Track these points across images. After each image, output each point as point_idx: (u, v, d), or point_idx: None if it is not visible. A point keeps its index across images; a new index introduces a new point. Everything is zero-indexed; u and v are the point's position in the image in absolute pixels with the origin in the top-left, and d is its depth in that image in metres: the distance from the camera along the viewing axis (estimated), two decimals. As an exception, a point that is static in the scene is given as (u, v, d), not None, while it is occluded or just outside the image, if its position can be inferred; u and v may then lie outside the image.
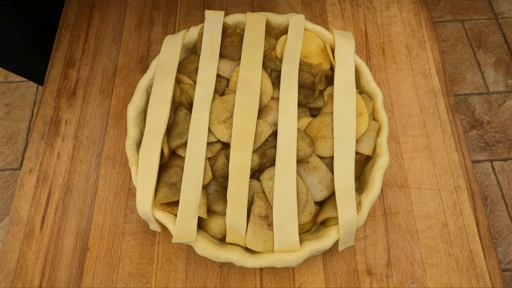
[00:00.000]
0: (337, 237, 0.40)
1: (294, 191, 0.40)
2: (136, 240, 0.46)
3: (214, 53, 0.46)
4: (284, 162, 0.41)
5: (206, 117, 0.43)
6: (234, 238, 0.40)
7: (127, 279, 0.44)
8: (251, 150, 0.41)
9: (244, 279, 0.44)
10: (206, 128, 0.42)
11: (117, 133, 0.52)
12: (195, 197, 0.40)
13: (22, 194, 0.49)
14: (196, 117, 0.43)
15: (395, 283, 0.44)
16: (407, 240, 0.46)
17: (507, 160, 1.26)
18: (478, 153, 1.27)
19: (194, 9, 0.61)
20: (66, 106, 0.54)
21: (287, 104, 0.43)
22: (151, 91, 0.45)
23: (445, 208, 0.48)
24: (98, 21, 0.60)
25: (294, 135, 0.42)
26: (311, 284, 0.44)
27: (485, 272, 0.45)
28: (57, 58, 0.57)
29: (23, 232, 0.47)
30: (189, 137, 0.42)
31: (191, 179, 0.40)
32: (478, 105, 1.34)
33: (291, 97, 0.44)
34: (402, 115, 0.53)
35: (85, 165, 0.50)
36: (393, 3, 0.62)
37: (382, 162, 0.42)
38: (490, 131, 1.30)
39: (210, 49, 0.47)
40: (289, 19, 0.49)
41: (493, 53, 1.43)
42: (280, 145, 0.41)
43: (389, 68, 0.57)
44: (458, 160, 0.50)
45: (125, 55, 0.58)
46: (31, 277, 0.45)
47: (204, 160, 0.41)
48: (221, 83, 0.47)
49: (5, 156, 1.27)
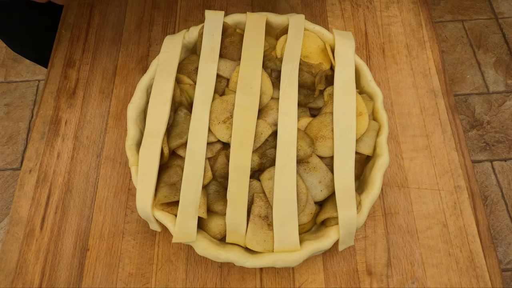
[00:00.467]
0: (337, 237, 0.40)
1: (294, 191, 0.40)
2: (136, 240, 0.46)
3: (214, 53, 0.46)
4: (284, 162, 0.41)
5: (206, 117, 0.43)
6: (234, 238, 0.40)
7: (127, 279, 0.44)
8: (251, 150, 0.41)
9: (244, 279, 0.44)
10: (206, 128, 0.42)
11: (117, 133, 0.52)
12: (195, 197, 0.40)
13: (22, 194, 0.49)
14: (196, 117, 0.43)
15: (395, 283, 0.44)
16: (407, 240, 0.46)
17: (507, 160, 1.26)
18: (478, 153, 1.27)
19: (194, 9, 0.61)
20: (66, 106, 0.54)
21: (287, 104, 0.43)
22: (151, 91, 0.45)
23: (445, 208, 0.48)
24: (98, 21, 0.60)
25: (294, 135, 0.42)
26: (311, 284, 0.44)
27: (485, 272, 0.45)
28: (57, 58, 0.57)
29: (23, 232, 0.47)
30: (189, 137, 0.42)
31: (191, 179, 0.40)
32: (478, 105, 1.34)
33: (291, 97, 0.44)
34: (402, 115, 0.53)
35: (85, 165, 0.50)
36: (393, 3, 0.62)
37: (382, 162, 0.42)
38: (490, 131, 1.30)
39: (210, 49, 0.46)
40: (289, 19, 0.49)
41: (493, 53, 1.43)
42: (280, 145, 0.41)
43: (389, 68, 0.57)
44: (458, 160, 0.50)
45: (125, 55, 0.58)
46: (31, 277, 0.45)
47: (204, 160, 0.41)
48: (221, 83, 0.47)
49: (5, 156, 1.28)
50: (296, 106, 0.43)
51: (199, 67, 0.46)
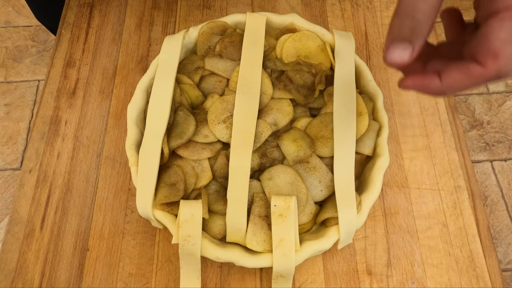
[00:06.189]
0: (337, 237, 0.40)
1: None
2: (136, 240, 0.46)
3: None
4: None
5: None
6: (234, 238, 0.40)
7: (127, 279, 0.44)
8: (251, 150, 0.41)
9: (244, 279, 0.44)
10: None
11: (117, 133, 0.52)
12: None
13: (22, 194, 0.49)
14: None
15: (395, 283, 0.44)
16: (407, 240, 0.46)
17: (507, 160, 1.26)
18: (478, 153, 1.27)
19: (194, 9, 0.61)
20: (66, 106, 0.54)
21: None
22: (151, 91, 0.45)
23: (445, 208, 0.48)
24: (98, 21, 0.60)
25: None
26: (311, 284, 0.44)
27: (485, 272, 0.45)
28: (57, 58, 0.57)
29: (23, 232, 0.47)
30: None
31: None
32: (478, 105, 1.34)
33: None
34: (402, 115, 0.53)
35: (85, 165, 0.50)
36: (393, 3, 0.62)
37: (382, 162, 0.42)
38: (490, 131, 1.30)
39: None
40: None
41: (493, 53, 1.43)
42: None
43: (389, 68, 0.57)
44: (458, 160, 0.50)
45: (125, 55, 0.58)
46: (31, 277, 0.45)
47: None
48: (221, 83, 0.47)
49: (5, 156, 1.28)
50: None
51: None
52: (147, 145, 0.42)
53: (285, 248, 0.37)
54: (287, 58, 0.48)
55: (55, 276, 0.45)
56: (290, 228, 0.38)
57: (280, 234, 0.38)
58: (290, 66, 0.46)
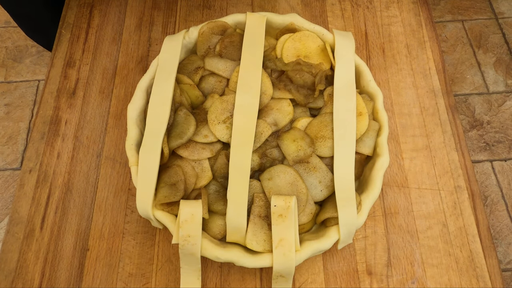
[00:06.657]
0: (337, 237, 0.40)
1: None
2: (136, 240, 0.46)
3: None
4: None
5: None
6: (234, 238, 0.40)
7: (127, 279, 0.44)
8: (251, 150, 0.41)
9: (244, 279, 0.44)
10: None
11: (117, 133, 0.52)
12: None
13: (22, 194, 0.49)
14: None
15: (395, 283, 0.44)
16: (407, 240, 0.46)
17: (507, 160, 1.26)
18: (478, 153, 1.27)
19: (194, 9, 0.61)
20: (66, 106, 0.54)
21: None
22: (151, 91, 0.45)
23: (445, 208, 0.48)
24: (98, 21, 0.60)
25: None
26: (311, 284, 0.44)
27: (485, 272, 0.45)
28: (57, 58, 0.57)
29: (23, 232, 0.47)
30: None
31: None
32: (478, 105, 1.34)
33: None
34: (402, 115, 0.53)
35: (85, 165, 0.50)
36: (393, 3, 0.62)
37: (382, 162, 0.42)
38: (490, 131, 1.30)
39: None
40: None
41: (493, 53, 1.43)
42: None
43: (389, 68, 0.57)
44: (458, 160, 0.50)
45: (125, 55, 0.58)
46: (31, 277, 0.45)
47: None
48: (221, 83, 0.47)
49: (5, 156, 1.27)
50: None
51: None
52: (147, 145, 0.42)
53: (285, 248, 0.37)
54: (287, 58, 0.48)
55: (55, 276, 0.45)
56: (290, 228, 0.38)
57: (280, 234, 0.38)
58: (290, 66, 0.46)
